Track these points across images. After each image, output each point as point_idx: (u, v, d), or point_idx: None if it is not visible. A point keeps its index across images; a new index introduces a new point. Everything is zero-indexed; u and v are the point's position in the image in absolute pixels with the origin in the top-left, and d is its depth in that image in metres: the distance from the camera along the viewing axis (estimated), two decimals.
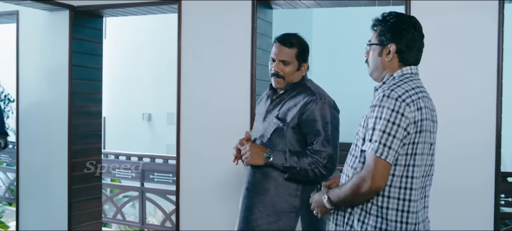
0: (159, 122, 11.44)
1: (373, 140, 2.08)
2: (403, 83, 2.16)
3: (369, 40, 2.35)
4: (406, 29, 2.23)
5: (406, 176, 2.14)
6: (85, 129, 4.85)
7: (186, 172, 4.16)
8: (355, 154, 2.25)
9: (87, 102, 4.87)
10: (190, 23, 4.13)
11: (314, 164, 2.76)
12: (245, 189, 3.00)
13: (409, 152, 2.12)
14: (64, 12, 4.65)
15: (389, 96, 2.08)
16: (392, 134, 2.05)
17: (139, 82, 11.46)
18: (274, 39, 3.00)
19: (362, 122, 2.22)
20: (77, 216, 4.78)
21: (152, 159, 6.89)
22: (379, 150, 2.05)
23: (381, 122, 2.06)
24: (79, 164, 4.75)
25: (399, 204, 2.15)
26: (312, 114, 2.80)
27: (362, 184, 2.09)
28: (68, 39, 4.64)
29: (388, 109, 2.06)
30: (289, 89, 2.95)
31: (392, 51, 2.23)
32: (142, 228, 6.75)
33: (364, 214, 2.20)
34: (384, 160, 2.05)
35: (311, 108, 2.81)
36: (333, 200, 2.25)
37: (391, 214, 2.15)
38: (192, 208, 4.15)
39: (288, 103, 2.90)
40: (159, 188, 6.77)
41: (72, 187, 4.70)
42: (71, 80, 4.66)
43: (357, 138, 2.26)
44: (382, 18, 2.28)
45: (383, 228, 2.15)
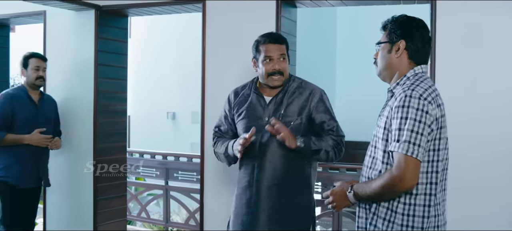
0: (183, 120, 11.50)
1: (401, 140, 2.11)
2: (420, 82, 2.21)
3: (378, 41, 2.40)
4: (416, 28, 2.30)
5: (431, 172, 2.19)
6: (110, 127, 4.89)
7: (210, 170, 4.17)
8: (373, 155, 2.29)
9: (112, 101, 4.91)
10: (215, 22, 4.14)
11: (337, 147, 2.97)
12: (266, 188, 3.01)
13: (432, 148, 2.17)
14: (90, 11, 4.69)
15: (412, 96, 2.12)
16: (420, 132, 2.09)
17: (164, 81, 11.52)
18: (260, 41, 3.07)
19: (380, 123, 2.25)
20: (103, 213, 4.83)
21: (177, 157, 6.92)
22: (409, 149, 2.08)
23: (408, 122, 2.10)
24: (104, 162, 4.79)
25: (425, 199, 2.19)
26: (323, 104, 3.01)
27: (396, 184, 2.11)
28: (93, 38, 4.69)
29: (413, 109, 2.10)
30: (285, 86, 3.06)
31: (401, 48, 2.28)
32: (166, 226, 6.78)
33: (390, 213, 2.23)
34: (415, 158, 2.09)
35: (319, 100, 3.01)
36: (360, 194, 2.27)
37: (418, 210, 2.19)
38: (216, 207, 4.15)
39: (292, 99, 3.02)
40: (183, 186, 6.79)
41: (97, 185, 4.74)
42: (97, 79, 4.71)
43: (375, 140, 2.29)
44: (392, 18, 2.34)
45: (410, 224, 2.19)
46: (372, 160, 2.30)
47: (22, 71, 4.37)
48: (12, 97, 4.30)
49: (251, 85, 3.17)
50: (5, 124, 4.22)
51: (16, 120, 4.26)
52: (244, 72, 4.01)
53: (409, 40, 2.27)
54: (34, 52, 4.41)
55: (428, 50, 2.33)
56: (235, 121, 3.18)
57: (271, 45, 3.02)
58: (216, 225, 4.15)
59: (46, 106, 4.48)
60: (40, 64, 4.36)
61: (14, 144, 4.23)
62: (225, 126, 3.24)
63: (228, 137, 3.22)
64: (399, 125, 2.12)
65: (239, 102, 3.17)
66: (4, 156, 4.25)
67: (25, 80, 4.38)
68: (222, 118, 3.27)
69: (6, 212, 4.28)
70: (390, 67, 2.33)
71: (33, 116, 4.34)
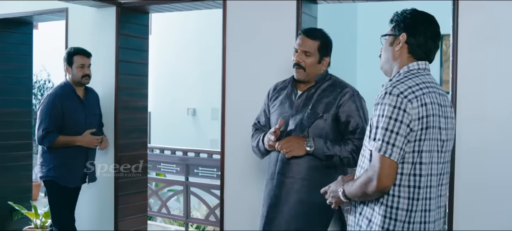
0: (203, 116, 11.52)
1: (376, 138, 2.06)
2: (407, 80, 2.13)
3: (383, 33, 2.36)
4: (421, 22, 2.23)
5: (413, 174, 2.10)
6: (131, 123, 4.92)
7: (231, 167, 4.17)
8: (364, 153, 2.24)
9: (133, 97, 4.94)
10: (235, 18, 4.13)
11: (355, 152, 2.88)
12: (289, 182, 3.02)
13: (416, 149, 2.08)
14: (111, 8, 4.72)
15: (391, 93, 2.06)
16: (395, 131, 2.03)
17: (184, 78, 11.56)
18: (299, 32, 3.12)
19: (369, 121, 2.20)
20: (123, 209, 4.86)
21: (197, 153, 6.94)
22: (382, 148, 2.03)
23: (383, 119, 2.05)
24: (126, 157, 4.82)
25: (409, 203, 2.11)
26: (351, 105, 2.94)
27: (369, 184, 2.07)
28: (115, 35, 4.72)
29: (390, 106, 2.04)
30: (318, 83, 3.04)
31: (402, 41, 2.23)
32: (186, 222, 6.81)
33: (373, 213, 2.18)
34: (389, 158, 2.02)
35: (348, 99, 2.95)
36: (347, 194, 2.25)
37: (400, 214, 2.11)
38: (237, 203, 4.16)
39: (321, 96, 3.00)
40: (203, 182, 6.82)
41: (118, 180, 4.78)
42: (118, 75, 4.74)
43: (365, 138, 2.24)
44: (400, 12, 2.29)
45: (390, 228, 2.12)
46: (362, 158, 2.26)
47: (67, 69, 4.33)
48: (61, 97, 4.27)
49: (290, 79, 3.20)
50: (57, 125, 4.20)
51: (66, 120, 4.25)
52: (265, 69, 4.01)
53: (410, 34, 2.21)
54: (78, 48, 4.35)
55: (432, 47, 2.24)
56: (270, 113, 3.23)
57: (301, 37, 3.06)
58: (237, 221, 4.15)
59: (91, 102, 4.47)
60: (84, 61, 4.31)
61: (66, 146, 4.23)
62: (263, 118, 3.29)
63: (266, 130, 3.25)
64: (376, 123, 2.08)
65: (275, 96, 3.22)
66: (54, 155, 4.24)
67: (70, 78, 4.34)
68: (262, 111, 3.32)
69: (55, 212, 4.31)
70: (390, 60, 2.29)
71: (80, 113, 4.33)
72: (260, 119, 3.31)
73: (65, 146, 4.22)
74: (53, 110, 4.20)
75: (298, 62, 3.03)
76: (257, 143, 3.19)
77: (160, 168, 7.21)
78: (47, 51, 9.42)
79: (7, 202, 5.53)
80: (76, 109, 4.31)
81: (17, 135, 5.75)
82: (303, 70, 3.03)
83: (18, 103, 5.75)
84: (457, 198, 3.39)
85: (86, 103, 4.39)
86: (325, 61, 3.07)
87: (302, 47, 3.03)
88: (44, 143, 4.22)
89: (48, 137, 4.18)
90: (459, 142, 3.37)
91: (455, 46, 3.39)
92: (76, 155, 4.29)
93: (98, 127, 4.54)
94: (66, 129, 4.25)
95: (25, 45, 5.80)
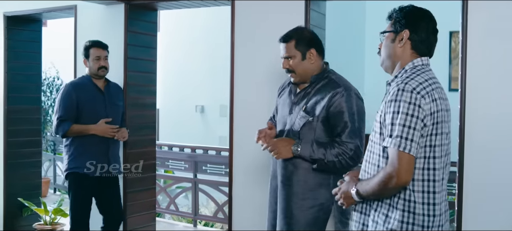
0: (211, 113, 11.53)
1: (393, 135, 2.09)
2: (415, 76, 2.17)
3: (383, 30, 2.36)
4: (422, 18, 2.26)
5: (427, 168, 2.15)
6: (140, 120, 4.93)
7: (239, 164, 4.17)
8: (373, 150, 2.26)
9: (142, 94, 4.96)
10: (244, 15, 4.13)
11: (341, 155, 2.84)
12: (280, 182, 3.06)
13: (428, 144, 2.13)
14: (119, 5, 4.74)
15: (404, 89, 2.09)
16: (412, 127, 2.06)
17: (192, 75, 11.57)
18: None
19: (377, 117, 2.23)
20: (132, 206, 4.88)
21: (205, 150, 6.95)
22: (401, 144, 2.06)
23: (400, 116, 2.08)
24: (134, 154, 4.83)
25: (424, 197, 2.16)
26: (340, 106, 2.87)
27: (390, 180, 2.09)
28: (123, 32, 4.74)
29: (405, 103, 2.07)
30: (314, 82, 3.02)
31: (405, 37, 2.25)
32: (194, 219, 6.82)
33: (390, 208, 2.20)
34: (408, 154, 2.06)
35: (338, 100, 2.88)
36: (362, 193, 2.25)
37: (418, 208, 2.15)
38: (245, 200, 4.16)
39: (315, 96, 2.97)
40: (212, 179, 6.83)
41: (127, 177, 4.79)
42: (126, 72, 4.75)
43: (373, 134, 2.27)
44: (398, 8, 2.31)
45: (410, 221, 2.16)
46: (371, 154, 2.28)
47: (84, 62, 4.37)
48: (76, 86, 4.33)
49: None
50: (70, 114, 4.25)
51: (83, 109, 4.28)
52: (273, 66, 4.00)
53: (413, 30, 2.24)
54: (94, 41, 4.38)
55: (433, 42, 2.29)
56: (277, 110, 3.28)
57: (280, 44, 3.10)
58: (245, 219, 4.16)
59: (113, 94, 4.48)
60: (100, 53, 4.33)
61: (81, 134, 4.26)
62: (276, 114, 3.31)
63: None
64: (391, 120, 2.10)
65: (281, 93, 3.25)
66: (74, 145, 4.30)
67: (88, 70, 4.38)
68: (275, 107, 3.36)
69: (74, 206, 4.33)
70: (393, 57, 2.30)
71: (100, 104, 4.36)
72: (274, 115, 3.35)
73: (79, 134, 4.26)
74: (68, 99, 4.25)
75: (286, 68, 3.06)
76: None
77: (168, 165, 7.24)
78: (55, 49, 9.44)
79: (17, 199, 5.56)
80: (95, 99, 4.34)
81: (26, 132, 5.77)
82: (295, 73, 3.04)
83: (27, 101, 5.78)
84: (466, 197, 3.37)
85: (107, 94, 4.41)
86: (311, 54, 3.01)
87: (282, 54, 3.06)
88: (58, 131, 4.27)
89: (62, 125, 4.23)
90: (468, 140, 3.35)
91: (464, 43, 3.37)
92: (97, 143, 4.31)
93: (121, 118, 4.56)
94: (85, 118, 4.29)
95: (35, 42, 5.82)
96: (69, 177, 4.32)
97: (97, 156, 4.32)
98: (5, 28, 5.58)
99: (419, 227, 2.16)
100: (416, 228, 2.16)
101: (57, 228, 5.39)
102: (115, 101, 4.47)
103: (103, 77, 4.42)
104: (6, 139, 5.63)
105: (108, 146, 4.37)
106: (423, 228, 2.16)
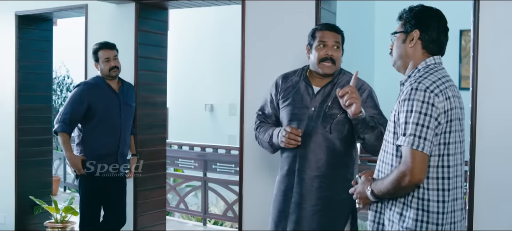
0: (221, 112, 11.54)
1: (407, 133, 2.11)
2: (429, 75, 2.19)
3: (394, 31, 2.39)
4: (432, 18, 2.28)
5: (441, 166, 2.17)
6: (150, 119, 4.95)
7: (250, 163, 4.18)
8: (387, 150, 2.29)
9: (152, 93, 4.97)
10: (254, 14, 4.13)
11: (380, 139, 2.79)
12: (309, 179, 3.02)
13: (442, 141, 2.15)
14: (130, 4, 4.76)
15: (418, 88, 2.12)
16: (426, 125, 2.08)
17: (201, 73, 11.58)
18: (317, 28, 3.12)
19: (391, 117, 2.25)
20: (142, 204, 4.90)
21: (215, 149, 6.96)
22: (415, 142, 2.08)
23: (413, 115, 2.10)
24: (145, 153, 4.85)
25: (439, 195, 2.17)
26: (371, 100, 2.99)
27: (403, 179, 2.11)
28: (134, 31, 4.76)
29: (418, 101, 2.10)
30: (334, 79, 3.05)
31: (415, 37, 2.27)
32: (204, 217, 6.84)
33: (405, 207, 2.22)
34: (421, 152, 2.08)
35: (368, 95, 3.00)
36: (377, 193, 2.27)
37: (432, 205, 2.17)
38: (255, 199, 4.17)
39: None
40: (221, 178, 6.84)
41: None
42: (137, 71, 4.77)
43: (387, 133, 2.30)
44: (408, 8, 2.33)
45: (424, 219, 2.18)
46: (385, 153, 2.31)
47: (96, 66, 4.39)
48: (90, 86, 4.35)
49: (301, 72, 3.18)
50: (76, 116, 4.26)
51: (97, 110, 4.29)
52: (284, 65, 4.00)
53: (423, 30, 2.27)
54: (101, 43, 4.39)
55: (444, 41, 2.31)
56: (279, 106, 3.19)
57: (328, 32, 3.05)
58: (255, 217, 4.16)
59: (127, 94, 4.47)
60: (109, 54, 4.34)
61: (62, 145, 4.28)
62: (269, 109, 3.25)
63: (270, 121, 3.24)
64: (405, 118, 2.12)
65: (286, 88, 3.17)
66: (84, 145, 4.33)
67: (100, 73, 4.39)
68: (267, 101, 3.27)
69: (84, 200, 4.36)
70: (404, 57, 2.33)
71: (115, 105, 4.36)
72: (265, 110, 3.27)
73: (62, 145, 4.29)
74: (78, 100, 4.27)
75: (331, 57, 3.01)
76: (270, 138, 3.13)
77: (178, 164, 7.25)
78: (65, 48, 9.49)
79: (28, 197, 5.60)
80: (108, 100, 4.35)
81: (37, 131, 5.81)
82: (334, 64, 3.03)
83: (38, 99, 5.81)
84: (477, 196, 3.36)
85: (121, 95, 4.41)
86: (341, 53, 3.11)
87: (332, 40, 3.03)
88: (55, 126, 4.30)
89: (60, 125, 4.25)
90: (480, 139, 3.34)
91: (476, 42, 3.35)
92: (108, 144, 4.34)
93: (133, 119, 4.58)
94: (99, 119, 4.30)
95: (45, 41, 5.85)
96: (80, 176, 4.34)
97: (106, 157, 4.34)
98: (16, 27, 5.61)
99: (434, 226, 2.17)
100: (431, 227, 2.17)
101: (67, 226, 5.42)
102: (129, 102, 4.48)
103: (116, 78, 4.42)
104: (18, 137, 5.67)
105: (118, 146, 4.38)
106: (437, 226, 2.17)
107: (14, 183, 5.70)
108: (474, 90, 3.35)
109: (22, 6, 5.55)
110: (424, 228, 2.17)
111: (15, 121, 5.66)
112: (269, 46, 4.09)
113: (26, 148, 5.71)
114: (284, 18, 4.02)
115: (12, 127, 5.69)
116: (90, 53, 4.51)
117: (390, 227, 2.27)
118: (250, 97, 4.15)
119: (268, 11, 4.09)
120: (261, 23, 4.12)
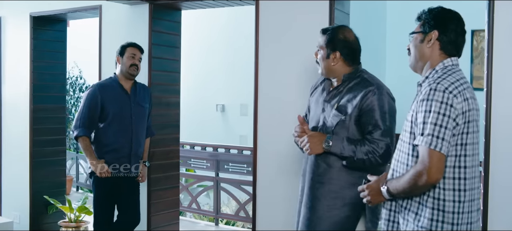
0: (232, 112, 11.55)
1: (425, 133, 2.12)
2: (447, 76, 2.21)
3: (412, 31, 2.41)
4: (450, 19, 2.31)
5: (458, 166, 2.19)
6: (164, 119, 4.98)
7: (263, 163, 4.18)
8: (403, 149, 2.30)
9: (166, 93, 5.00)
10: (268, 15, 4.14)
11: (371, 153, 2.83)
12: (310, 180, 3.06)
13: (459, 142, 2.17)
14: (144, 5, 4.79)
15: (437, 89, 2.14)
16: (444, 126, 2.10)
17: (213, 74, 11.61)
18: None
19: (408, 117, 2.27)
20: (156, 204, 4.93)
21: (227, 149, 6.98)
22: (432, 142, 2.10)
23: (431, 115, 2.12)
24: (158, 153, 4.88)
25: (455, 195, 2.19)
26: (371, 104, 2.88)
27: (420, 178, 2.13)
28: (148, 31, 4.79)
29: (437, 102, 2.12)
30: (346, 81, 3.02)
31: (433, 38, 2.30)
32: (216, 217, 6.86)
33: (420, 206, 2.23)
34: (439, 152, 2.10)
35: (370, 98, 2.89)
36: (392, 191, 2.28)
37: (448, 205, 2.19)
38: (269, 200, 4.17)
39: (347, 94, 2.98)
40: (233, 178, 6.86)
41: (151, 175, 4.84)
42: (151, 71, 4.80)
43: (403, 133, 2.32)
44: (427, 9, 2.36)
45: (439, 219, 2.20)
46: (400, 153, 2.32)
47: (118, 59, 4.41)
48: (102, 87, 4.38)
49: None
50: (93, 118, 4.31)
51: (108, 110, 4.32)
52: (297, 65, 4.02)
53: (442, 31, 2.29)
54: (132, 42, 4.44)
55: (461, 43, 2.34)
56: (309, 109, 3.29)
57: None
58: (269, 218, 4.17)
59: (139, 95, 4.47)
60: (136, 53, 4.38)
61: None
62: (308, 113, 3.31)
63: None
64: (423, 119, 2.14)
65: (314, 92, 3.26)
66: (97, 145, 4.36)
67: (119, 69, 4.41)
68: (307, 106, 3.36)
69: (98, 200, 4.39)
70: (422, 57, 2.35)
71: (126, 105, 4.38)
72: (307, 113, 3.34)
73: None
74: (92, 102, 4.30)
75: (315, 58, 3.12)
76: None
77: (190, 164, 7.28)
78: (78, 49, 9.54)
79: (42, 196, 5.64)
80: (120, 100, 4.36)
81: (51, 131, 5.86)
82: (319, 66, 3.09)
83: (52, 100, 5.86)
84: (491, 197, 3.35)
85: (133, 95, 4.42)
86: (335, 56, 3.00)
87: (317, 43, 3.11)
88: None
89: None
90: (494, 140, 3.33)
91: (491, 42, 3.34)
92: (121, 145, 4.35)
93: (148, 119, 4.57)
94: (110, 119, 4.32)
95: (59, 42, 5.90)
96: (93, 175, 4.37)
97: (118, 157, 4.35)
98: (31, 28, 5.67)
99: (449, 225, 2.19)
100: (446, 226, 2.19)
101: (81, 226, 5.46)
102: (140, 103, 4.48)
103: (132, 78, 4.43)
104: (32, 137, 5.72)
105: (131, 146, 4.39)
106: (453, 226, 2.19)
107: (29, 182, 5.75)
108: (489, 91, 3.34)
109: (37, 7, 5.60)
110: (439, 228, 2.19)
111: (30, 121, 5.71)
112: (282, 46, 4.10)
113: (40, 148, 5.76)
114: (297, 19, 4.02)
115: (27, 127, 5.74)
116: (105, 53, 4.54)
117: (405, 226, 2.28)
118: (264, 98, 4.16)
119: (282, 11, 4.10)
120: (275, 23, 4.13)
